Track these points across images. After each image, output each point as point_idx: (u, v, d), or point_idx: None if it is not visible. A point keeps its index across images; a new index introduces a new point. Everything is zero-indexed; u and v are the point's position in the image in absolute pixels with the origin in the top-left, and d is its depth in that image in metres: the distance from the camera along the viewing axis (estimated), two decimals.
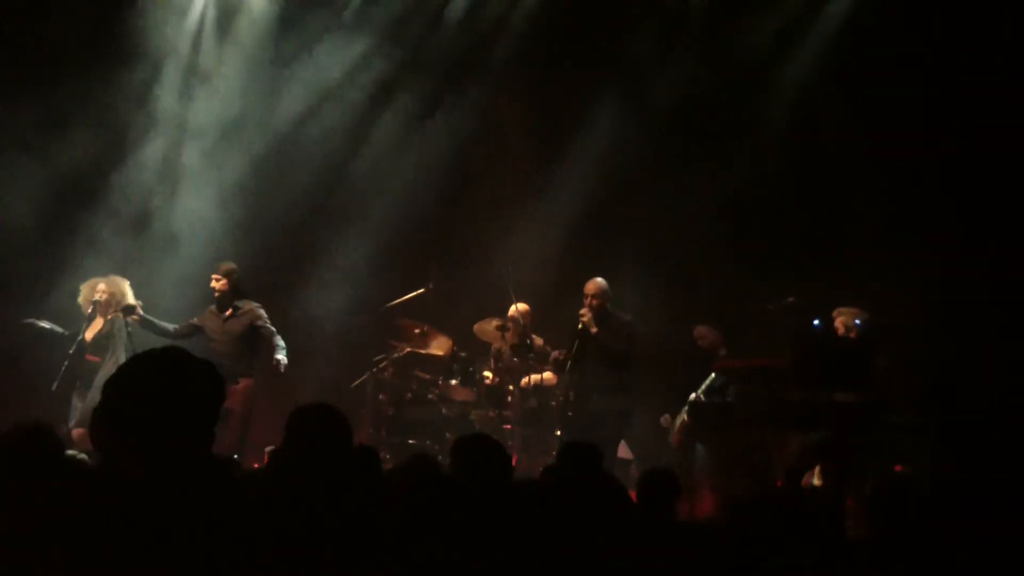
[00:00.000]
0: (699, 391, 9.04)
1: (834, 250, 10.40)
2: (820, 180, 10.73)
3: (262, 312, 9.51)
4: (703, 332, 9.93)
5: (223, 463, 4.35)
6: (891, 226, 10.12)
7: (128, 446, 2.55)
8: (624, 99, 11.63)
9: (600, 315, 9.37)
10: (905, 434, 7.59)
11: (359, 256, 11.53)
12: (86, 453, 4.74)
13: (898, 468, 7.67)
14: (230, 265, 9.63)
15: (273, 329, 9.43)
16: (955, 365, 9.02)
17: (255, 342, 9.46)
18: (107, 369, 9.05)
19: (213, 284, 9.53)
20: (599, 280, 9.65)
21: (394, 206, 11.73)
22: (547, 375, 9.91)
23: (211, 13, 11.60)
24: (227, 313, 9.49)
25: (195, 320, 9.64)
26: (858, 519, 5.24)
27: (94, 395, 8.88)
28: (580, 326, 9.32)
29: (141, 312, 9.40)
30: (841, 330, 8.57)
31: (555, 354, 9.69)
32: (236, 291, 9.55)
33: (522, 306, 10.20)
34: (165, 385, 2.62)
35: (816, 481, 8.04)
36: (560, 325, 10.01)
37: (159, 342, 9.14)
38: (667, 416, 9.49)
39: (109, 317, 9.37)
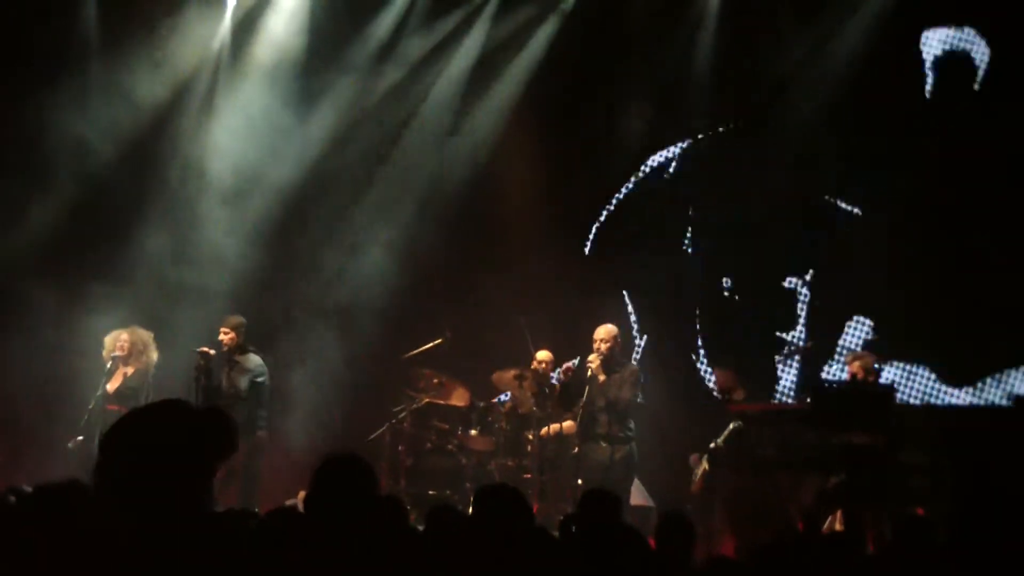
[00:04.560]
0: (719, 439, 9.02)
1: None
2: None
3: (264, 370, 9.55)
4: (719, 376, 9.95)
5: (239, 516, 4.39)
6: None
7: (126, 499, 2.56)
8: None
9: (609, 362, 9.41)
10: (923, 476, 7.57)
11: (376, 306, 11.58)
12: None
13: (920, 511, 7.63)
14: (238, 319, 9.67)
15: (264, 397, 9.47)
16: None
17: (260, 395, 9.50)
18: None
19: (221, 337, 9.55)
20: (610, 326, 9.68)
21: (411, 251, 11.81)
22: (566, 424, 9.89)
23: (228, 43, 11.75)
24: (232, 365, 9.53)
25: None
26: (880, 563, 5.23)
27: None
28: (588, 373, 9.35)
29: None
30: (860, 375, 8.57)
31: (567, 365, 9.69)
32: (242, 344, 9.60)
33: (543, 354, 10.20)
34: (161, 438, 2.63)
35: (838, 526, 8.00)
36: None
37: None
38: (695, 456, 9.41)
39: (132, 369, 9.41)
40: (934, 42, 10.97)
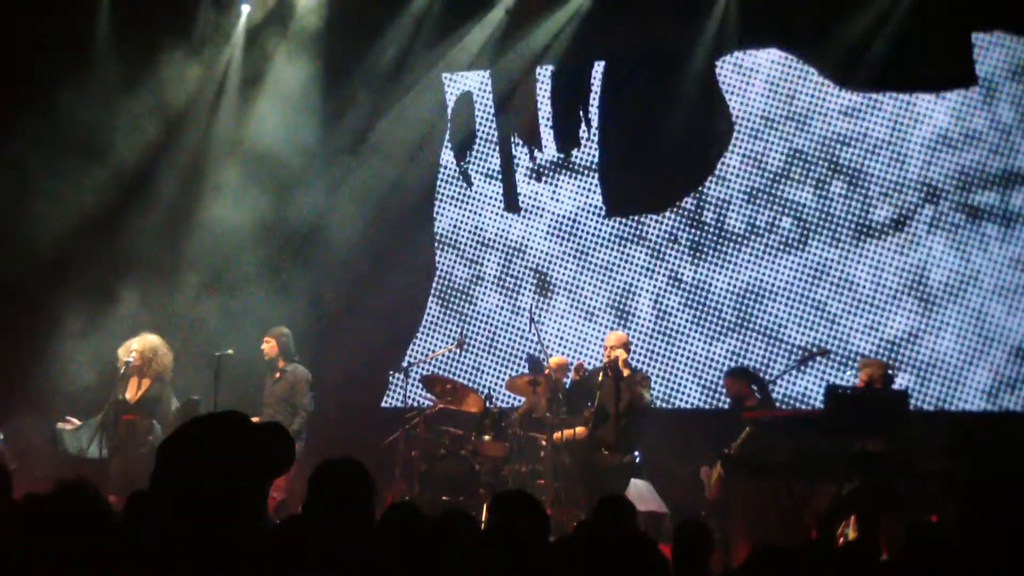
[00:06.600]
0: (734, 444, 9.04)
1: None
2: None
3: (305, 383, 9.58)
4: (730, 382, 9.95)
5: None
6: None
7: (183, 512, 2.58)
8: None
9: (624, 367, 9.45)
10: (937, 483, 7.57)
11: (389, 311, 11.61)
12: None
13: (934, 519, 7.63)
14: (281, 329, 9.75)
15: (303, 413, 9.51)
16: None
17: (301, 410, 9.57)
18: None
19: (263, 346, 9.65)
20: (620, 332, 9.69)
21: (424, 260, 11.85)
22: (579, 429, 9.92)
23: (236, 69, 11.88)
24: (276, 376, 9.60)
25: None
26: (893, 571, 5.24)
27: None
28: (600, 378, 9.39)
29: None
30: (872, 382, 8.58)
31: (579, 362, 9.74)
32: (284, 354, 9.65)
33: (555, 360, 10.23)
34: (222, 450, 2.62)
35: (852, 533, 8.00)
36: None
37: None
38: (705, 468, 9.46)
39: (148, 380, 9.43)
40: None
